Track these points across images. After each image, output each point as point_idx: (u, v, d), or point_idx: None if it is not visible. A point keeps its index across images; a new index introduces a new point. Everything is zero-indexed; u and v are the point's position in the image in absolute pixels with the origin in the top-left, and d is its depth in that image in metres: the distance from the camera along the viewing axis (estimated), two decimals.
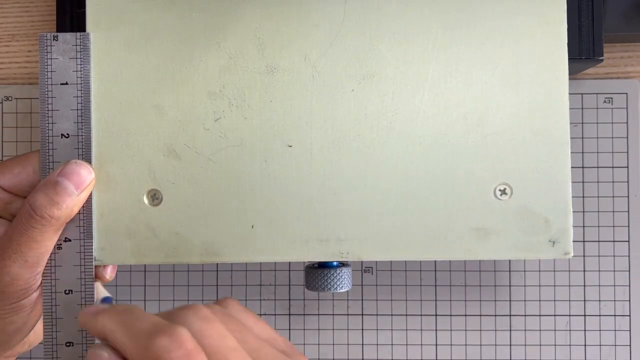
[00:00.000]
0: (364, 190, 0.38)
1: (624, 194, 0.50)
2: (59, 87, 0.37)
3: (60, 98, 0.37)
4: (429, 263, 0.51)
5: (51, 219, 0.36)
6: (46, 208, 0.35)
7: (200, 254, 0.39)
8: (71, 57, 0.38)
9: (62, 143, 0.38)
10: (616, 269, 0.50)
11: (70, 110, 0.38)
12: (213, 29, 0.38)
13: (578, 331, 0.50)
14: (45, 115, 0.37)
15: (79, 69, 0.38)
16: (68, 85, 0.37)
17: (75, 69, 0.38)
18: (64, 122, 0.37)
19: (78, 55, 0.38)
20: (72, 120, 0.38)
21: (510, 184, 0.38)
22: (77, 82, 0.38)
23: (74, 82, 0.37)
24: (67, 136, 0.38)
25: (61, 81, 0.37)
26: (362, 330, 0.51)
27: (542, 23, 0.38)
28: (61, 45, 0.38)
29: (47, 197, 0.36)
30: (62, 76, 0.37)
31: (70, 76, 0.38)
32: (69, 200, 0.36)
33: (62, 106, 0.37)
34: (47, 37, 0.37)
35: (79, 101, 0.38)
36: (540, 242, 0.38)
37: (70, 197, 0.36)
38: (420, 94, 0.38)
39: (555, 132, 0.38)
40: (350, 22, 0.38)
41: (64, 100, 0.37)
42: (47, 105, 0.37)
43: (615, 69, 0.50)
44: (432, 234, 0.38)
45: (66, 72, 0.37)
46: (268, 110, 0.38)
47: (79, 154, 0.38)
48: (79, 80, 0.38)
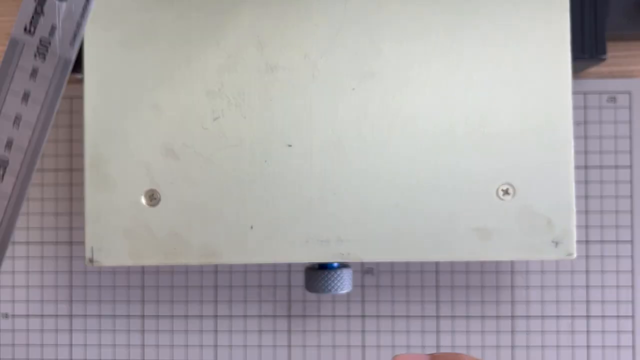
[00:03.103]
0: (365, 190, 0.38)
1: (627, 193, 0.50)
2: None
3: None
4: (430, 264, 0.50)
5: None
6: None
7: (199, 254, 0.38)
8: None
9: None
10: (619, 269, 0.50)
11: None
12: (212, 28, 0.38)
13: (581, 332, 0.50)
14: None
15: None
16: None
17: None
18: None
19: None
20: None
21: (512, 184, 0.38)
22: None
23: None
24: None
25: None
26: (363, 332, 0.51)
27: (544, 21, 0.38)
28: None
29: None
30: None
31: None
32: None
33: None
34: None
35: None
36: (543, 242, 0.38)
37: None
38: (421, 94, 0.38)
39: (558, 132, 0.38)
40: (350, 20, 0.38)
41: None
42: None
43: (619, 68, 0.50)
44: (434, 235, 0.38)
45: None
46: (268, 110, 0.38)
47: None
48: None
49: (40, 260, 0.52)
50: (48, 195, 0.51)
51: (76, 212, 0.51)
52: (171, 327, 0.51)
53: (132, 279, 0.51)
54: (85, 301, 0.51)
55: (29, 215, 0.51)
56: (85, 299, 0.51)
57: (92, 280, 0.51)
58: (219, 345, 0.51)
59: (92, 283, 0.51)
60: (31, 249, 0.52)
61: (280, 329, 0.51)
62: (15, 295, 0.52)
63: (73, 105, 0.51)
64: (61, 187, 0.52)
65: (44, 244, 0.52)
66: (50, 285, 0.52)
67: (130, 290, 0.51)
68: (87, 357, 0.51)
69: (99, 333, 0.51)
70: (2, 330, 0.52)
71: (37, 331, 0.52)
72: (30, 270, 0.52)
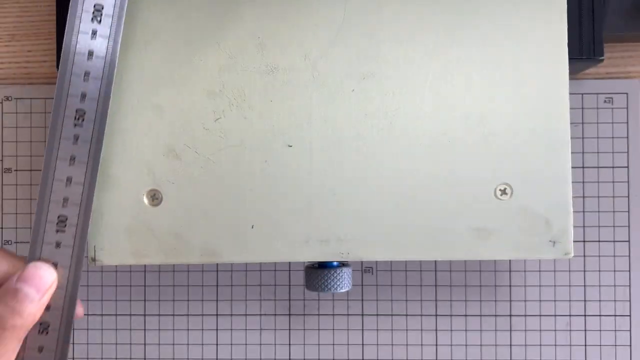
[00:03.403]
0: (364, 190, 0.38)
1: (625, 194, 0.50)
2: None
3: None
4: (429, 263, 0.51)
5: (14, 330, 0.33)
6: (8, 320, 0.33)
7: (200, 254, 0.39)
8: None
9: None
10: (616, 269, 0.50)
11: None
12: (213, 29, 0.38)
13: (578, 331, 0.50)
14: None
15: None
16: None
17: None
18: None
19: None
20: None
21: (510, 184, 0.38)
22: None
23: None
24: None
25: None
26: (363, 330, 0.51)
27: (542, 23, 0.38)
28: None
29: (8, 307, 0.33)
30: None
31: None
32: (30, 307, 0.33)
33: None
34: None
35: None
36: (540, 242, 0.38)
37: (32, 303, 0.33)
38: (420, 94, 0.38)
39: (555, 132, 0.38)
40: (350, 21, 0.38)
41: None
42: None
43: (616, 69, 0.50)
44: (433, 234, 0.38)
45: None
46: (268, 110, 0.38)
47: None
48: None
49: None
50: None
51: None
52: (172, 325, 0.51)
53: (134, 278, 0.51)
54: (87, 300, 0.51)
55: (32, 215, 0.51)
56: (87, 297, 0.51)
57: (94, 279, 0.51)
58: (220, 344, 0.51)
59: (94, 282, 0.51)
60: None
61: (281, 328, 0.51)
62: None
63: None
64: None
65: None
66: None
67: (132, 289, 0.51)
68: (89, 356, 0.51)
69: (101, 332, 0.51)
70: None
71: None
72: None
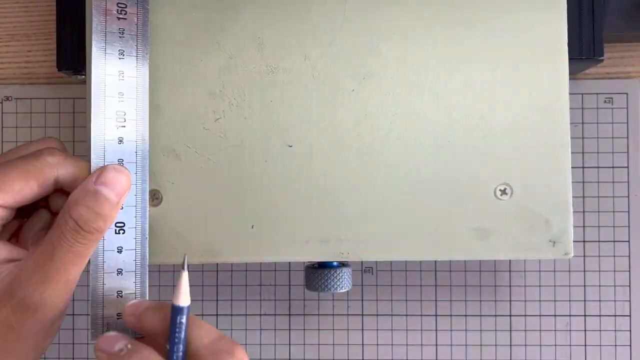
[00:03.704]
0: (364, 190, 0.38)
1: (624, 194, 0.50)
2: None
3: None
4: (429, 263, 0.51)
5: (97, 232, 0.33)
6: (92, 222, 0.33)
7: (200, 254, 0.39)
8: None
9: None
10: (616, 269, 0.50)
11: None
12: (213, 29, 0.38)
13: (578, 331, 0.50)
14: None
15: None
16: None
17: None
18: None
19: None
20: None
21: (510, 184, 0.38)
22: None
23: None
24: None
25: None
26: (362, 330, 0.51)
27: (542, 23, 0.38)
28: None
29: (91, 210, 0.33)
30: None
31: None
32: (112, 212, 0.34)
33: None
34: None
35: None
36: (540, 242, 0.38)
37: (113, 208, 0.34)
38: (420, 94, 0.38)
39: (555, 132, 0.38)
40: (350, 22, 0.38)
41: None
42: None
43: (616, 69, 0.50)
44: (433, 234, 0.38)
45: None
46: (268, 110, 0.38)
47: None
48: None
49: None
50: None
51: None
52: None
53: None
54: (87, 300, 0.51)
55: None
56: (87, 298, 0.51)
57: None
58: None
59: None
60: None
61: (281, 328, 0.51)
62: None
63: (75, 106, 0.51)
64: None
65: None
66: None
67: None
68: (89, 356, 0.51)
69: None
70: None
71: None
72: None
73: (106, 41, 0.35)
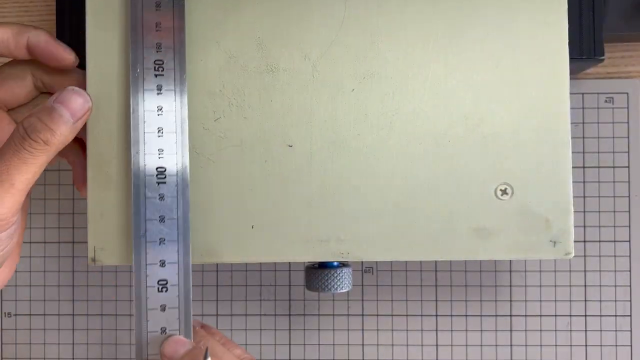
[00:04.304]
0: (364, 190, 0.38)
1: (625, 194, 0.50)
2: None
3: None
4: (429, 263, 0.51)
5: (44, 144, 0.34)
6: (40, 132, 0.34)
7: (200, 254, 0.38)
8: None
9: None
10: (617, 269, 0.50)
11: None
12: (212, 28, 0.38)
13: (579, 331, 0.50)
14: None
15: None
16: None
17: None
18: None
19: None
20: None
21: (511, 184, 0.38)
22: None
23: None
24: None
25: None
26: (363, 330, 0.51)
27: (543, 23, 0.38)
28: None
29: (42, 122, 0.34)
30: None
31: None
32: (63, 128, 0.35)
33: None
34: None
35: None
36: (541, 242, 0.38)
37: (65, 125, 0.35)
38: (420, 94, 0.38)
39: (556, 132, 0.38)
40: (350, 21, 0.38)
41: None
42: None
43: (616, 69, 0.50)
44: (433, 234, 0.38)
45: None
46: (268, 110, 0.38)
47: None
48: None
49: (43, 260, 0.52)
50: (51, 195, 0.52)
51: (79, 211, 0.52)
52: None
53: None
54: (87, 300, 0.52)
55: (32, 215, 0.51)
56: (87, 298, 0.52)
57: (94, 279, 0.51)
58: None
59: (94, 282, 0.51)
60: (34, 249, 0.52)
61: (281, 328, 0.51)
62: (17, 294, 0.52)
63: None
64: (64, 187, 0.52)
65: (46, 243, 0.52)
66: (52, 284, 0.52)
67: (132, 289, 0.51)
68: (89, 355, 0.51)
69: (101, 332, 0.52)
70: (5, 329, 0.52)
71: (39, 330, 0.52)
72: (33, 270, 0.52)
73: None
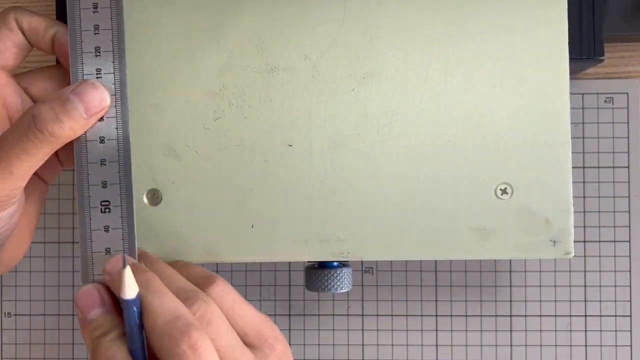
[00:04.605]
0: (364, 189, 0.38)
1: (625, 194, 0.50)
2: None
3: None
4: (429, 263, 0.51)
5: (50, 137, 0.32)
6: (48, 123, 0.32)
7: (199, 253, 0.39)
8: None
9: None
10: (617, 269, 0.50)
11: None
12: (213, 28, 0.38)
13: (579, 331, 0.50)
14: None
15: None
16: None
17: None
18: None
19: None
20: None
21: (511, 184, 0.38)
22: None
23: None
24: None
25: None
26: (363, 330, 0.51)
27: (543, 23, 0.38)
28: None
29: (53, 112, 0.32)
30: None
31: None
32: (74, 122, 0.33)
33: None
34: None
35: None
36: (541, 241, 0.38)
37: (76, 119, 0.33)
38: (420, 94, 0.38)
39: (556, 132, 0.38)
40: (350, 21, 0.38)
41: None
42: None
43: (616, 69, 0.50)
44: (433, 234, 0.38)
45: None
46: (268, 110, 0.38)
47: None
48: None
49: (43, 260, 0.52)
50: (51, 195, 0.51)
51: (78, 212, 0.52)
52: None
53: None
54: None
55: None
56: None
57: None
58: None
59: None
60: (34, 249, 0.52)
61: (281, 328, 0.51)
62: (17, 294, 0.52)
63: None
64: (63, 187, 0.52)
65: (46, 243, 0.52)
66: (52, 284, 0.52)
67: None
68: None
69: None
70: (5, 329, 0.52)
71: (39, 330, 0.52)
72: (33, 270, 0.52)
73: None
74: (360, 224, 0.38)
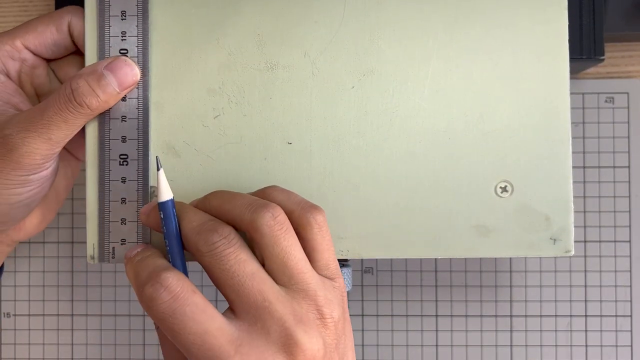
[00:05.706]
0: (364, 187, 0.38)
1: (625, 194, 0.50)
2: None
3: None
4: (429, 263, 0.51)
5: (87, 108, 0.36)
6: (85, 97, 0.36)
7: None
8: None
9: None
10: (617, 269, 0.50)
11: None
12: (212, 25, 0.38)
13: (579, 332, 0.50)
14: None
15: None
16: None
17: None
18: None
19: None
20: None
21: (511, 182, 0.38)
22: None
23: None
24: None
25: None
26: (363, 331, 0.51)
27: (543, 22, 0.38)
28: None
29: (89, 87, 0.36)
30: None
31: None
32: (108, 96, 0.36)
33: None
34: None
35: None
36: (541, 239, 0.38)
37: (110, 94, 0.37)
38: (420, 91, 0.38)
39: (556, 129, 0.38)
40: (350, 18, 0.38)
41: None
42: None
43: (617, 69, 0.50)
44: (433, 232, 0.38)
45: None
46: (268, 108, 0.38)
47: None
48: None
49: (42, 260, 0.52)
50: None
51: (78, 211, 0.52)
52: None
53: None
54: (86, 300, 0.51)
55: None
56: (86, 298, 0.51)
57: (93, 280, 0.51)
58: None
59: (93, 282, 0.51)
60: (32, 249, 0.52)
61: None
62: (17, 294, 0.52)
63: None
64: None
65: (45, 243, 0.52)
66: (52, 284, 0.52)
67: (131, 289, 0.51)
68: (89, 356, 0.51)
69: (100, 332, 0.51)
70: (4, 329, 0.52)
71: (38, 330, 0.52)
72: (32, 270, 0.52)
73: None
74: (360, 222, 0.38)
